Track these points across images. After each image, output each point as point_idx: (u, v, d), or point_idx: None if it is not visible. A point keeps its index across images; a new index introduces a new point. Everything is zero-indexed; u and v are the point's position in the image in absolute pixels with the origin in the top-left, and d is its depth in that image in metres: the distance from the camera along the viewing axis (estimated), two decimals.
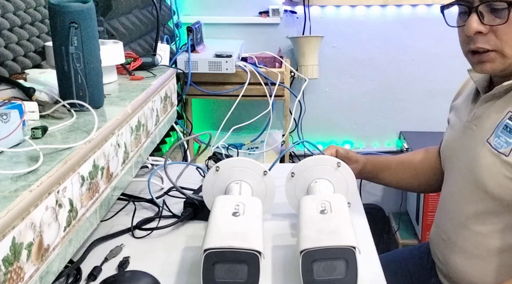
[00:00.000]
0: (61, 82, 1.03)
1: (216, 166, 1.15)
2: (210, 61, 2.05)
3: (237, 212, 0.98)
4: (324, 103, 2.65)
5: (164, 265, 1.05)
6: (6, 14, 1.15)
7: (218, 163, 1.16)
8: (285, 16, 2.52)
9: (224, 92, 2.15)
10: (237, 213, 0.97)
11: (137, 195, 1.34)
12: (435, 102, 2.59)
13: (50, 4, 0.98)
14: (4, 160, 0.80)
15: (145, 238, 1.15)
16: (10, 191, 0.70)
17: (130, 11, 1.85)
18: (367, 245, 1.13)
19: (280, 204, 1.31)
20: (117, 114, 1.06)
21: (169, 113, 1.51)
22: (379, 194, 2.77)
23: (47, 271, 0.77)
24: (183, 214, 1.20)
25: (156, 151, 1.86)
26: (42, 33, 1.29)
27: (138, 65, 1.45)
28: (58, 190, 0.79)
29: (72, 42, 0.98)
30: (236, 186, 1.13)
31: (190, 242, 1.14)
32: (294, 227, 1.20)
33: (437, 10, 2.55)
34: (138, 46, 1.83)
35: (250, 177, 1.15)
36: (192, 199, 1.22)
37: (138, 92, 1.23)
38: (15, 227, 0.67)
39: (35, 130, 0.88)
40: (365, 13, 2.53)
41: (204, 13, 2.50)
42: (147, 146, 1.27)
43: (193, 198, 1.22)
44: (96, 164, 0.94)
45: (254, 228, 0.95)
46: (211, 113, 2.63)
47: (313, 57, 2.42)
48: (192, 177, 1.45)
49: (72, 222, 0.85)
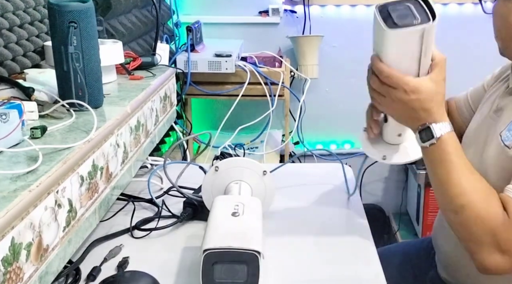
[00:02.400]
0: (60, 81, 1.03)
1: (215, 166, 1.15)
2: (209, 60, 2.05)
3: (237, 212, 0.97)
4: (324, 103, 2.65)
5: (164, 265, 1.05)
6: (6, 14, 1.15)
7: (217, 163, 1.15)
8: (285, 16, 2.51)
9: (224, 92, 2.15)
10: (236, 213, 0.97)
11: (137, 195, 1.34)
12: None
13: (50, 4, 0.98)
14: (3, 160, 0.79)
15: (145, 238, 1.15)
16: (9, 191, 0.70)
17: (130, 10, 1.84)
18: (367, 245, 1.12)
19: (280, 204, 1.31)
20: (117, 114, 1.06)
21: (168, 113, 1.51)
22: (379, 194, 2.77)
23: (46, 272, 0.77)
24: (182, 214, 1.20)
25: (156, 151, 1.86)
26: (41, 33, 1.29)
27: (138, 65, 1.45)
28: (58, 190, 0.79)
29: (72, 41, 0.98)
30: (235, 186, 1.13)
31: (190, 242, 1.14)
32: (293, 228, 1.20)
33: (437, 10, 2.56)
34: (138, 45, 1.83)
35: (249, 177, 1.15)
36: (192, 200, 1.22)
37: (138, 91, 1.23)
38: (14, 227, 0.67)
39: (34, 130, 0.88)
40: (365, 13, 2.53)
41: (204, 12, 2.49)
42: (146, 146, 1.27)
43: (193, 198, 1.22)
44: (95, 164, 0.93)
45: (254, 228, 0.95)
46: (210, 113, 2.62)
47: (313, 57, 2.42)
48: (192, 177, 1.44)
49: (72, 222, 0.85)
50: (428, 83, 0.92)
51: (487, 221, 0.91)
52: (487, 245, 0.92)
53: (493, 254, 0.92)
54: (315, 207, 1.29)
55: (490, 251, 0.92)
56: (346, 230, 1.18)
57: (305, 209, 1.28)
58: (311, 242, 1.14)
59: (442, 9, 2.50)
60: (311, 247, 1.12)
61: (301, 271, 1.03)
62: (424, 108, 0.93)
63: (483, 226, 0.91)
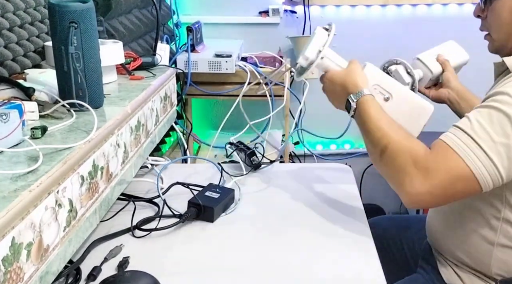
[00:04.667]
0: (61, 82, 1.03)
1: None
2: (210, 61, 2.05)
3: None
4: (324, 103, 2.64)
5: (164, 265, 1.05)
6: (6, 14, 1.15)
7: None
8: (285, 16, 2.51)
9: (224, 92, 2.15)
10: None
11: (137, 195, 1.34)
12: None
13: (50, 4, 0.98)
14: (4, 160, 0.79)
15: (145, 238, 1.15)
16: (9, 191, 0.70)
17: (130, 11, 1.84)
18: (367, 245, 1.13)
19: (279, 203, 1.31)
20: (117, 114, 1.06)
21: (169, 113, 1.51)
22: (379, 194, 2.76)
23: (47, 271, 0.77)
24: (185, 214, 1.20)
25: (156, 151, 1.86)
26: (41, 33, 1.29)
27: (138, 65, 1.45)
28: (58, 190, 0.79)
29: (72, 42, 0.98)
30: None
31: (190, 242, 1.14)
32: (293, 228, 1.20)
33: (437, 10, 2.57)
34: (138, 46, 1.83)
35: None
36: (197, 199, 1.22)
37: (138, 92, 1.23)
38: (15, 227, 0.67)
39: (34, 130, 0.88)
40: (365, 13, 2.53)
41: (204, 13, 2.49)
42: (146, 146, 1.27)
43: (198, 198, 1.22)
44: (95, 164, 0.94)
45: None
46: (211, 113, 2.62)
47: None
48: (192, 177, 1.45)
49: (72, 222, 0.85)
50: (338, 72, 1.23)
51: (408, 152, 1.04)
52: (410, 173, 1.03)
53: (415, 180, 1.02)
54: (315, 207, 1.29)
55: (412, 177, 1.02)
56: (346, 230, 1.18)
57: (305, 209, 1.28)
58: (311, 242, 1.14)
59: (442, 9, 2.50)
60: (311, 247, 1.12)
61: (301, 271, 1.04)
62: (341, 85, 1.20)
63: (405, 156, 1.04)
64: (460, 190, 1.01)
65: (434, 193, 1.01)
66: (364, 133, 1.16)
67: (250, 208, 1.29)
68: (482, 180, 0.98)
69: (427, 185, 1.01)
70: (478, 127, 0.99)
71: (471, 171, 0.98)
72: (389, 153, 1.07)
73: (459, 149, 0.99)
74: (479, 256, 1.13)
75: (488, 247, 1.11)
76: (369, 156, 1.16)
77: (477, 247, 1.13)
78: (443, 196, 1.02)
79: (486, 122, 0.99)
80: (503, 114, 0.98)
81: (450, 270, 1.20)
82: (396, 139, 1.08)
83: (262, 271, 1.04)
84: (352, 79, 1.18)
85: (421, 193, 1.02)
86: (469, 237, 1.14)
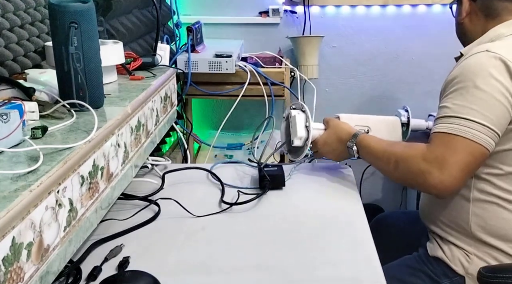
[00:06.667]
0: (61, 82, 1.03)
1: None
2: (210, 61, 2.05)
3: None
4: (324, 103, 2.65)
5: (164, 265, 1.05)
6: (6, 14, 1.15)
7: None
8: (285, 16, 2.51)
9: (224, 92, 2.15)
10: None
11: (137, 195, 1.34)
12: (435, 102, 2.58)
13: (50, 4, 0.98)
14: (4, 160, 0.80)
15: (145, 238, 1.15)
16: (10, 191, 0.70)
17: (130, 11, 1.85)
18: (367, 245, 1.13)
19: (279, 204, 1.31)
20: (117, 114, 1.06)
21: (169, 113, 1.51)
22: (379, 194, 2.77)
23: (47, 271, 0.77)
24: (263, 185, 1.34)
25: (156, 151, 1.86)
26: (42, 33, 1.29)
27: (138, 65, 1.45)
28: (58, 190, 0.79)
29: (72, 42, 0.98)
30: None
31: (190, 242, 1.14)
32: (293, 228, 1.20)
33: (437, 10, 2.56)
34: (138, 46, 1.83)
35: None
36: (266, 172, 1.35)
37: (138, 92, 1.23)
38: (15, 227, 0.67)
39: (35, 130, 0.88)
40: (365, 13, 2.53)
41: (204, 13, 2.49)
42: (147, 146, 1.27)
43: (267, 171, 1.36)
44: (96, 164, 0.94)
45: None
46: (211, 113, 2.62)
47: (313, 57, 2.42)
48: (193, 177, 1.45)
49: (72, 222, 0.85)
50: (326, 134, 1.42)
51: (414, 154, 1.19)
52: (426, 170, 1.16)
53: (433, 173, 1.15)
54: (315, 206, 1.29)
55: (430, 172, 1.15)
56: (346, 230, 1.18)
57: (304, 209, 1.28)
58: (311, 242, 1.14)
59: (442, 9, 2.50)
60: (311, 247, 1.12)
61: (301, 271, 1.04)
62: (336, 141, 1.39)
63: (414, 158, 1.19)
64: (473, 161, 1.15)
65: (453, 174, 1.14)
66: (374, 162, 1.34)
67: (249, 207, 1.29)
68: (486, 144, 1.14)
69: (444, 171, 1.14)
70: (457, 107, 1.17)
71: (474, 142, 1.14)
72: (401, 164, 1.22)
73: (455, 130, 1.15)
74: (458, 214, 1.27)
75: (465, 204, 1.26)
76: (385, 176, 1.35)
77: (457, 207, 1.27)
78: (462, 172, 1.15)
79: (461, 101, 1.16)
80: (469, 88, 1.16)
81: (435, 243, 1.34)
82: (400, 151, 1.24)
83: (262, 271, 1.04)
84: (341, 131, 1.39)
85: (443, 180, 1.14)
86: (449, 200, 1.28)
